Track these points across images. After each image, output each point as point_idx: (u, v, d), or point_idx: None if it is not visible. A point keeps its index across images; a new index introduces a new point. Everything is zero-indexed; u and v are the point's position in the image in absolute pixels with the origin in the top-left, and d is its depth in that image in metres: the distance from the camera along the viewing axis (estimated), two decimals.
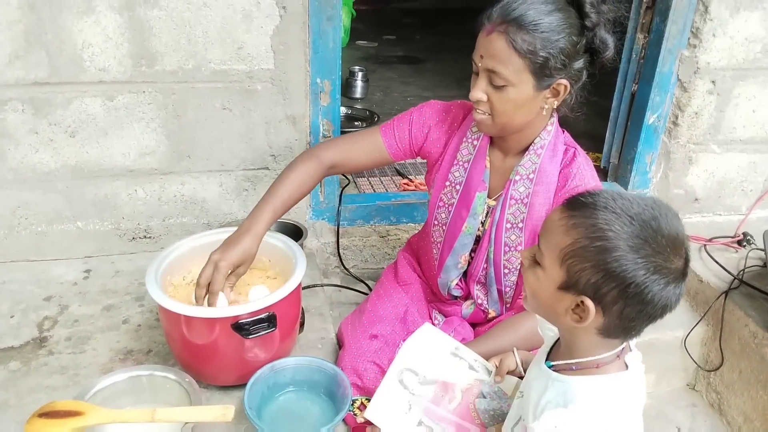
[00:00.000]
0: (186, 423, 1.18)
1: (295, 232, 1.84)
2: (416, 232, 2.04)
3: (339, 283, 1.96)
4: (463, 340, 1.45)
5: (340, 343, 1.56)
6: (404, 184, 2.29)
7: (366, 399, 1.37)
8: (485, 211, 1.41)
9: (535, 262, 0.92)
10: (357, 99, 3.46)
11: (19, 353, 1.49)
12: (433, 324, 1.55)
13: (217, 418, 1.19)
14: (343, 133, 1.82)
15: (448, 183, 1.43)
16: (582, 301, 0.86)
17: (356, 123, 3.07)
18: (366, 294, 1.88)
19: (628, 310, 0.84)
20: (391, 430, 1.14)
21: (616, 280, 0.82)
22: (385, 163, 1.53)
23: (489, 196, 1.41)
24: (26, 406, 1.33)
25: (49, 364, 1.47)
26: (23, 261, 1.81)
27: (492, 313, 1.50)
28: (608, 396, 0.89)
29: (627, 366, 0.92)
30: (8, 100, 1.63)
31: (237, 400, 1.38)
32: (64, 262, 1.83)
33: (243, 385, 1.33)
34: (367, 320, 1.49)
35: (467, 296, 1.53)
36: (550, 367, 0.95)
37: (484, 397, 1.19)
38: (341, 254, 2.00)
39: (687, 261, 0.85)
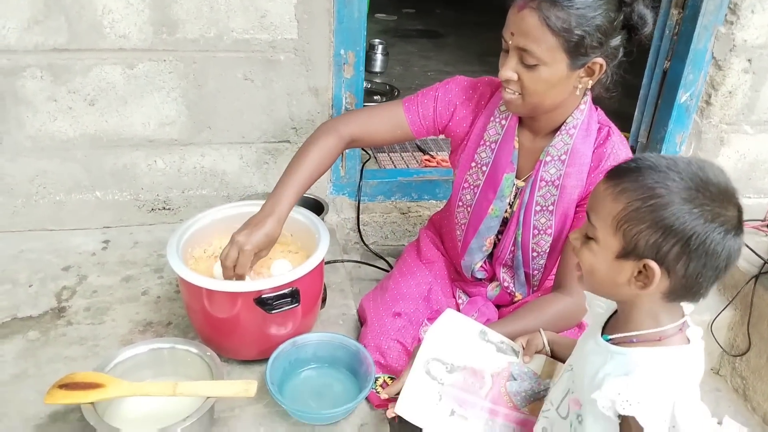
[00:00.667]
0: (208, 397, 1.16)
1: (316, 207, 1.81)
2: (438, 209, 2.01)
3: (359, 259, 1.93)
4: (487, 321, 1.42)
5: (361, 320, 1.54)
6: (426, 160, 2.24)
7: (389, 377, 1.34)
8: (513, 193, 1.37)
9: (588, 239, 0.90)
10: (376, 73, 3.41)
11: (38, 323, 1.48)
12: (457, 304, 1.52)
13: (239, 394, 1.17)
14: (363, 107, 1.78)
15: (473, 164, 1.38)
16: (645, 265, 0.83)
17: (375, 97, 3.02)
18: (386, 271, 1.85)
19: (692, 266, 0.82)
20: (424, 424, 1.10)
21: (677, 235, 0.80)
22: (407, 140, 1.48)
23: (517, 177, 1.36)
24: (45, 376, 1.32)
25: (68, 334, 1.45)
26: (41, 230, 1.80)
27: (518, 296, 1.46)
28: (670, 367, 0.86)
29: (689, 340, 0.89)
30: (27, 66, 1.60)
31: (258, 374, 1.36)
32: (83, 232, 1.81)
33: (264, 360, 1.31)
34: (390, 298, 1.46)
35: (492, 278, 1.49)
36: (607, 340, 0.92)
37: (515, 380, 1.16)
38: (361, 230, 1.97)
39: (741, 212, 0.83)
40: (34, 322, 1.49)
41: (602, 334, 0.95)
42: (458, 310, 1.51)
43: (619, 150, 1.29)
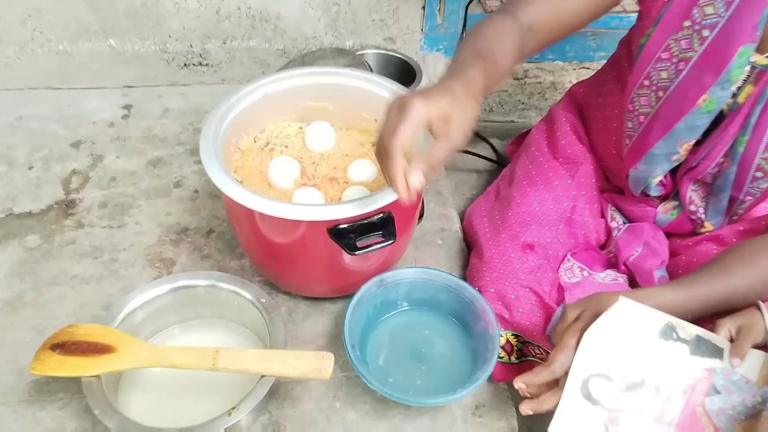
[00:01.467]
0: (263, 376, 0.79)
1: (404, 73, 1.32)
2: (571, 75, 1.49)
3: None
4: (661, 264, 0.97)
5: (469, 241, 1.12)
6: None
7: (512, 334, 0.95)
8: (745, 77, 0.85)
9: None
10: None
11: (39, 223, 1.12)
12: (608, 227, 1.06)
13: (309, 375, 0.80)
14: None
15: (687, 23, 0.84)
16: None
17: None
18: (492, 161, 1.38)
19: None
20: None
21: None
22: (605, 11, 0.93)
23: (758, 52, 0.83)
24: (46, 306, 0.99)
25: (78, 241, 1.09)
26: (44, 88, 1.38)
27: (708, 227, 0.98)
28: None
29: None
30: None
31: (331, 317, 1.00)
32: (97, 93, 1.39)
33: (338, 298, 0.99)
34: (516, 220, 1.01)
35: (667, 195, 1.02)
36: None
37: (718, 393, 0.75)
38: None
39: None
40: (34, 221, 1.12)
41: None
42: (608, 237, 1.06)
43: None
